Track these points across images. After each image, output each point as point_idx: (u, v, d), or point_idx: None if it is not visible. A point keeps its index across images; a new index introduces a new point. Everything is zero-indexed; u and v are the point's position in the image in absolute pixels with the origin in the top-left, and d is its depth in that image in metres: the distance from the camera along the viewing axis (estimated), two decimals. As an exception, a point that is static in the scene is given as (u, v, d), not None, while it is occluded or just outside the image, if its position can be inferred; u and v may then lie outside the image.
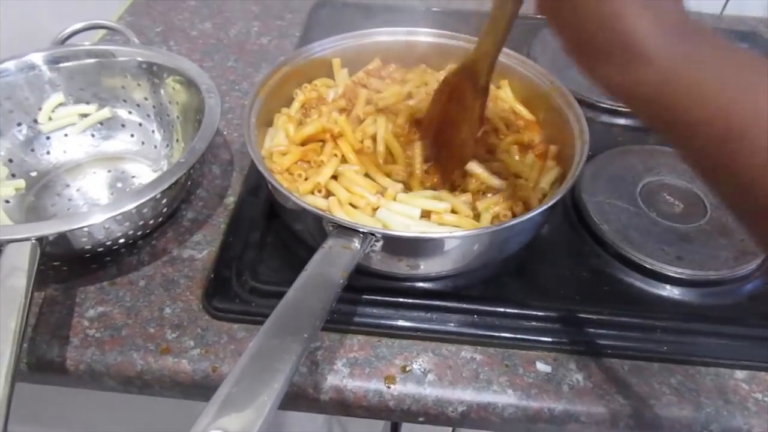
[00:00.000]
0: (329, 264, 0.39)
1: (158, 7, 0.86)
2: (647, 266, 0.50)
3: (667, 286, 0.49)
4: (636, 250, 0.50)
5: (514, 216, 0.48)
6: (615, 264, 0.51)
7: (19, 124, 0.58)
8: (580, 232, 0.53)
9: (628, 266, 0.51)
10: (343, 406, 0.44)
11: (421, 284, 0.49)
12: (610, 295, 0.49)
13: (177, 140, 0.60)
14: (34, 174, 0.58)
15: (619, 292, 0.49)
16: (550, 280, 0.50)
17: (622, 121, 0.67)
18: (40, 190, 0.58)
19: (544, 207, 0.43)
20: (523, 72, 0.58)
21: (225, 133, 0.65)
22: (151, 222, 0.50)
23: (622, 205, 0.54)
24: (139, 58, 0.59)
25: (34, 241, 0.42)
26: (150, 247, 0.53)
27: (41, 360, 0.45)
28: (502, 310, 0.47)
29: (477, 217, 0.49)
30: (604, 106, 0.67)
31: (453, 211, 0.49)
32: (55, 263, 0.51)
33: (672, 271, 0.49)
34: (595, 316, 0.47)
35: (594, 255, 0.52)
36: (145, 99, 0.61)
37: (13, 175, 0.57)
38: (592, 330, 0.46)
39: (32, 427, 0.63)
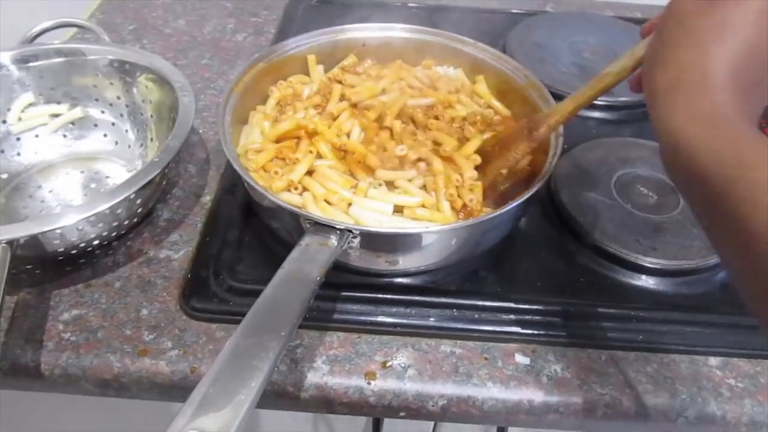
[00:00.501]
0: (306, 261, 0.39)
1: (131, 4, 0.85)
2: (623, 257, 0.50)
3: (642, 276, 0.50)
4: (611, 242, 0.51)
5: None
6: (591, 255, 0.52)
7: (-12, 125, 0.57)
8: (556, 225, 0.54)
9: (604, 257, 0.51)
10: (325, 403, 0.44)
11: (400, 280, 0.49)
12: (586, 286, 0.50)
13: (151, 139, 0.59)
14: (4, 176, 0.57)
15: (595, 283, 0.50)
16: (528, 272, 0.50)
17: (596, 114, 0.68)
18: (11, 192, 0.56)
19: (520, 200, 0.44)
20: (498, 67, 0.58)
21: (201, 131, 0.64)
22: (126, 222, 0.50)
23: (597, 197, 0.55)
24: (111, 57, 0.58)
25: (4, 245, 0.41)
26: (125, 248, 0.52)
27: (15, 365, 0.44)
28: (480, 303, 0.47)
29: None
30: (579, 99, 0.68)
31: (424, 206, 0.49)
32: (28, 266, 0.50)
33: (647, 261, 0.50)
34: (572, 308, 0.48)
35: (570, 247, 0.52)
36: (118, 98, 0.60)
37: (-17, 178, 0.56)
38: (569, 321, 0.47)
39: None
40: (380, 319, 0.47)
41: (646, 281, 0.50)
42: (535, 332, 0.46)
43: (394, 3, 0.86)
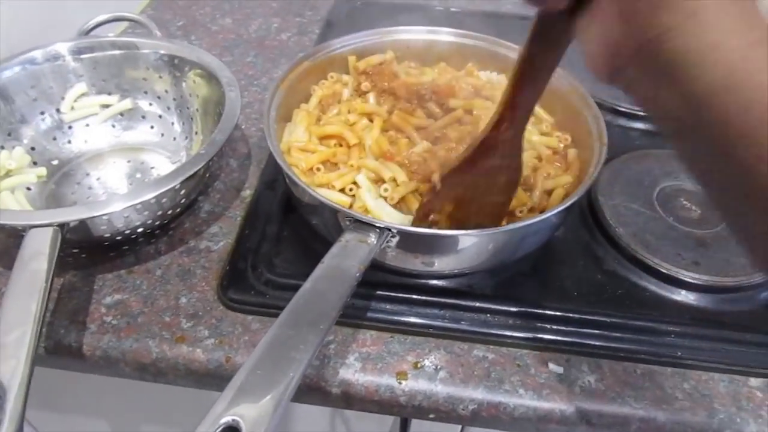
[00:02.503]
0: (346, 257, 0.39)
1: (180, 1, 0.87)
2: (663, 270, 0.49)
3: (683, 291, 0.49)
4: (652, 254, 0.50)
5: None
6: (630, 267, 0.51)
7: (43, 113, 0.59)
8: (595, 235, 0.53)
9: (644, 270, 0.50)
10: (354, 400, 0.45)
11: (434, 281, 0.49)
12: (624, 298, 0.49)
13: (196, 132, 0.60)
14: (55, 162, 0.59)
15: (633, 296, 0.49)
16: (565, 281, 0.50)
17: (640, 125, 0.67)
18: (61, 178, 0.59)
19: (560, 208, 0.43)
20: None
21: (243, 127, 0.66)
22: (169, 212, 0.51)
23: (638, 208, 0.54)
24: (162, 51, 0.60)
25: (55, 227, 0.42)
26: (167, 237, 0.53)
27: (59, 344, 0.46)
28: (515, 309, 0.47)
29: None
30: (622, 109, 0.67)
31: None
32: (75, 250, 0.51)
33: (688, 276, 0.49)
34: (608, 319, 0.47)
35: (609, 258, 0.52)
36: (166, 91, 0.62)
37: (35, 163, 0.58)
38: (605, 332, 0.46)
39: (47, 413, 0.64)
40: (413, 319, 0.47)
41: (686, 296, 0.49)
42: (570, 341, 0.46)
43: (438, 7, 0.86)
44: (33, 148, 0.58)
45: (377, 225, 0.41)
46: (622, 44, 0.27)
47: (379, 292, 0.48)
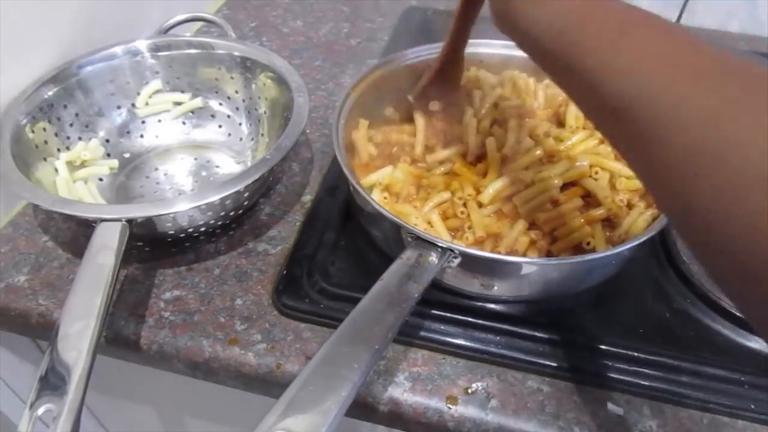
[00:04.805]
0: (406, 276, 0.39)
1: (254, 2, 0.89)
2: (738, 314, 0.46)
3: (759, 339, 0.46)
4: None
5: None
6: (702, 307, 0.48)
7: (119, 107, 0.61)
8: (666, 270, 0.50)
9: (717, 312, 0.47)
10: (401, 419, 0.44)
11: (492, 305, 0.48)
12: (693, 340, 0.46)
13: (262, 135, 0.61)
14: (127, 155, 0.61)
15: (704, 338, 0.46)
16: (630, 316, 0.47)
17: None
18: (131, 171, 0.60)
19: (635, 243, 0.41)
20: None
21: (308, 131, 0.66)
22: (232, 214, 0.51)
23: (715, 245, 0.51)
24: (236, 53, 0.61)
25: (124, 222, 0.44)
26: (227, 238, 0.54)
27: (118, 335, 0.47)
28: (575, 342, 0.45)
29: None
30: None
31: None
32: (139, 243, 0.53)
33: (767, 323, 0.45)
34: (675, 361, 0.44)
35: (679, 295, 0.49)
36: (236, 92, 0.63)
37: (108, 155, 0.60)
38: (670, 375, 0.44)
39: (102, 396, 0.66)
40: (467, 343, 0.45)
41: (763, 345, 0.46)
42: (631, 381, 0.43)
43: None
44: (107, 141, 0.60)
45: (440, 245, 0.40)
46: (494, 9, 0.39)
47: (433, 311, 0.47)
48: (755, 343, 0.46)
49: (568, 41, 0.32)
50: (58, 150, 0.56)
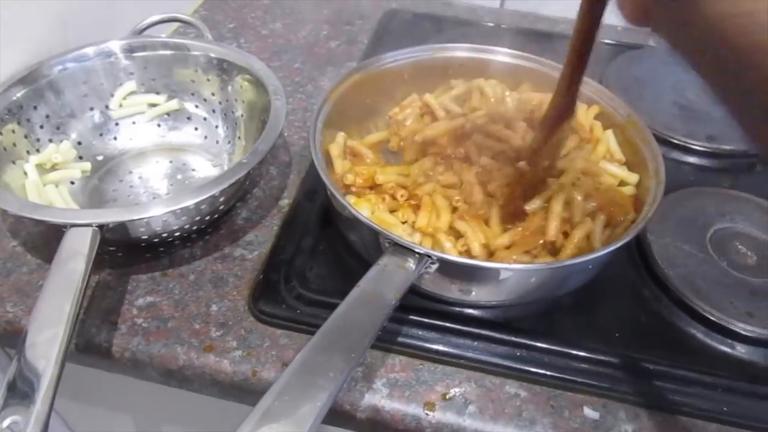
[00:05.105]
0: (383, 283, 0.38)
1: (232, 3, 0.88)
2: (713, 319, 0.47)
3: (734, 343, 0.46)
4: (702, 300, 0.47)
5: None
6: (677, 312, 0.48)
7: (92, 109, 0.60)
8: (642, 275, 0.51)
9: (692, 316, 0.48)
10: (379, 426, 0.43)
11: (470, 311, 0.47)
12: (669, 345, 0.46)
13: (239, 137, 0.60)
14: (100, 158, 0.60)
15: (679, 343, 0.46)
16: (606, 321, 0.48)
17: (694, 159, 0.64)
18: (104, 174, 0.59)
19: (612, 248, 0.41)
20: (597, 100, 0.56)
21: (286, 134, 0.65)
22: (207, 218, 0.51)
23: (689, 250, 0.51)
24: (212, 54, 0.60)
25: (95, 228, 0.43)
26: (203, 242, 0.53)
27: (90, 343, 0.46)
28: (552, 347, 0.45)
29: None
30: (676, 141, 0.64)
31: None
32: (111, 248, 0.52)
33: (740, 327, 0.46)
34: (651, 365, 0.45)
35: (655, 300, 0.49)
36: (213, 94, 0.62)
37: (81, 158, 0.58)
38: (646, 379, 0.44)
39: (74, 404, 0.65)
40: (445, 348, 0.45)
41: (737, 349, 0.46)
42: (608, 386, 0.44)
43: (489, 23, 0.85)
44: (80, 143, 0.59)
45: (417, 251, 0.40)
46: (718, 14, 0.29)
47: (412, 317, 0.47)
48: (729, 348, 0.46)
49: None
50: (28, 152, 0.54)
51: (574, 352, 0.45)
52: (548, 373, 0.44)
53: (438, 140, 0.54)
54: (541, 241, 0.46)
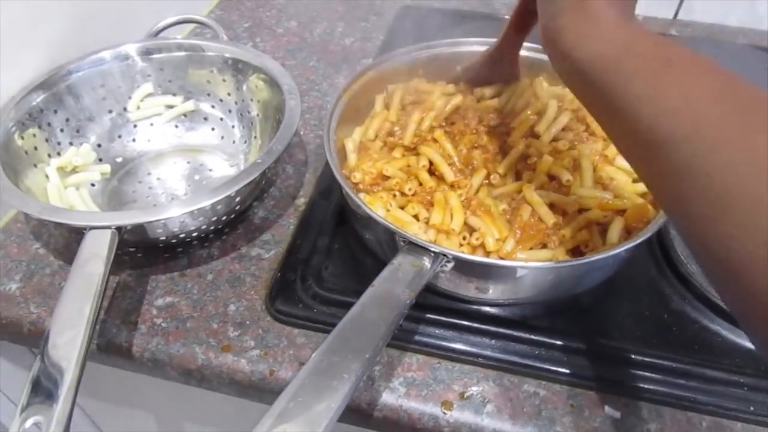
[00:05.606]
0: (397, 282, 0.38)
1: (247, 3, 0.88)
2: (738, 315, 0.45)
3: (760, 340, 0.45)
4: (726, 296, 0.46)
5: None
6: (701, 308, 0.47)
7: (110, 111, 0.61)
8: (663, 270, 0.50)
9: (716, 312, 0.47)
10: (396, 426, 0.43)
11: (487, 309, 0.47)
12: (692, 342, 0.45)
13: (255, 137, 0.60)
14: (119, 160, 0.60)
15: (703, 340, 0.45)
16: (627, 318, 0.47)
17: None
18: (124, 176, 0.60)
19: (631, 244, 0.40)
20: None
21: (302, 133, 0.65)
22: (224, 218, 0.51)
23: (713, 244, 0.50)
24: (227, 54, 0.60)
25: (113, 230, 0.43)
26: (220, 242, 0.53)
27: (110, 343, 0.47)
28: (571, 345, 0.45)
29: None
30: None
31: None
32: (131, 249, 0.52)
33: (766, 323, 0.45)
34: (673, 363, 0.44)
35: (677, 296, 0.48)
36: (228, 95, 0.62)
37: (101, 160, 0.59)
38: (669, 378, 0.43)
39: (103, 403, 0.66)
40: (462, 347, 0.45)
41: (763, 346, 0.45)
42: (630, 384, 0.43)
43: (506, 15, 0.83)
44: (99, 146, 0.60)
45: (432, 249, 0.40)
46: (541, 23, 0.37)
47: (428, 315, 0.46)
48: (755, 344, 0.45)
49: (611, 69, 0.31)
50: (49, 156, 0.55)
51: (594, 350, 0.44)
52: (567, 371, 0.43)
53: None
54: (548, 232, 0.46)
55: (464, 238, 0.46)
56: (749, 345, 0.45)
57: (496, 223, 0.45)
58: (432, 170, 0.51)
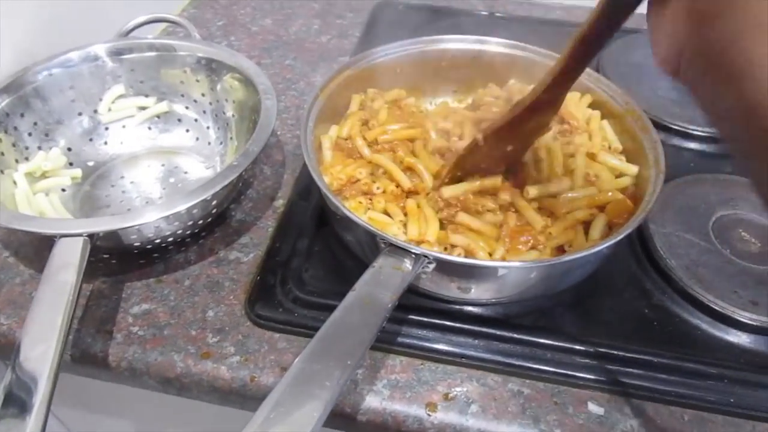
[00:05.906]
0: (379, 285, 0.38)
1: (222, 1, 0.86)
2: (717, 309, 0.46)
3: (739, 333, 0.46)
4: (705, 290, 0.47)
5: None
6: (681, 303, 0.47)
7: (80, 114, 0.59)
8: (644, 265, 0.50)
9: (696, 307, 0.47)
10: (381, 429, 0.43)
11: (470, 308, 0.47)
12: (673, 337, 0.46)
13: (231, 138, 0.59)
14: (91, 164, 0.59)
15: (683, 334, 0.46)
16: (609, 314, 0.47)
17: (695, 145, 0.63)
18: (96, 180, 0.58)
19: (612, 241, 0.40)
20: (595, 89, 0.55)
21: (279, 133, 0.64)
22: (201, 222, 0.50)
23: (692, 239, 0.51)
24: (200, 54, 0.59)
25: (85, 237, 0.42)
26: (197, 246, 0.52)
27: (85, 353, 0.45)
28: (554, 343, 0.45)
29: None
30: (676, 127, 0.63)
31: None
32: (105, 255, 0.51)
33: (745, 316, 0.45)
34: (655, 358, 0.44)
35: (658, 291, 0.48)
36: (203, 95, 0.61)
37: (71, 164, 0.58)
38: (651, 373, 0.43)
39: (78, 411, 0.64)
40: (446, 347, 0.45)
41: (742, 338, 0.45)
42: (612, 380, 0.43)
43: (483, 12, 0.83)
44: (69, 149, 0.58)
45: (413, 251, 0.39)
46: (688, 43, 0.27)
47: (411, 317, 0.46)
48: (734, 337, 0.46)
49: None
50: (17, 161, 0.53)
51: (577, 347, 0.44)
52: (551, 369, 0.43)
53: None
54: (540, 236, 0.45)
55: (445, 249, 0.45)
56: (728, 338, 0.46)
57: (482, 236, 0.45)
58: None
